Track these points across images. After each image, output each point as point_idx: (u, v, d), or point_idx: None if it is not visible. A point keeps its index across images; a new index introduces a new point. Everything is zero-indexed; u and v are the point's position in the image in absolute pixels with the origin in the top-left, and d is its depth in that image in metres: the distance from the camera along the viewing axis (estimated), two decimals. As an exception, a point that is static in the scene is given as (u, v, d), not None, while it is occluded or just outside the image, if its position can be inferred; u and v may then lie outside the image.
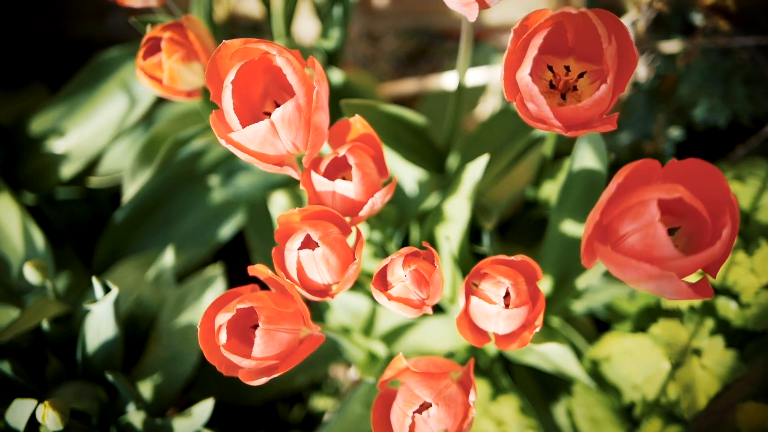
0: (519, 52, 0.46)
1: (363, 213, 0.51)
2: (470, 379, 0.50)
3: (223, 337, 0.46)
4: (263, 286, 0.52)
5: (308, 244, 0.49)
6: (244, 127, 0.46)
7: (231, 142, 0.47)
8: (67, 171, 0.84)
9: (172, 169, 0.86)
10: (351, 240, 0.51)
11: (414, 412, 0.47)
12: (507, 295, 0.48)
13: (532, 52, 0.45)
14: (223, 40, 0.47)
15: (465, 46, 0.59)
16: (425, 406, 0.48)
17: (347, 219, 0.52)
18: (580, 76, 0.49)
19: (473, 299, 0.49)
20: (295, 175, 0.49)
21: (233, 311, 0.46)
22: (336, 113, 0.78)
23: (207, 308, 0.48)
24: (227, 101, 0.47)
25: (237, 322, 0.48)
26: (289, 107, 0.45)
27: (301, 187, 0.51)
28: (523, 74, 0.45)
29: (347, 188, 0.50)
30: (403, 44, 1.09)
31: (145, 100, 0.83)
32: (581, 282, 0.60)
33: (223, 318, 0.46)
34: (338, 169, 0.53)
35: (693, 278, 0.45)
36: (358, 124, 0.52)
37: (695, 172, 0.43)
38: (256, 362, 0.47)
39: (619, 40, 0.45)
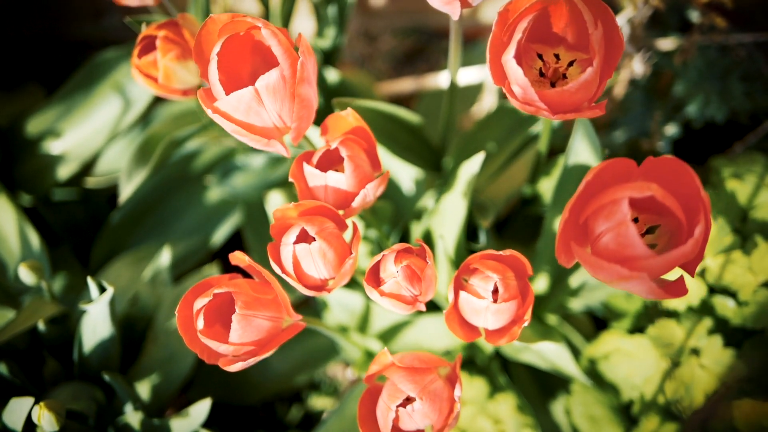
0: (504, 36, 0.46)
1: (355, 205, 0.50)
2: (457, 374, 0.50)
3: (200, 323, 0.46)
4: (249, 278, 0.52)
5: (304, 238, 0.48)
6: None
7: (217, 111, 0.46)
8: (64, 172, 0.84)
9: (169, 169, 0.86)
10: (347, 235, 0.51)
11: (398, 406, 0.47)
12: (496, 290, 0.48)
13: (518, 35, 0.44)
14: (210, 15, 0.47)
15: (454, 44, 0.59)
16: (410, 401, 0.48)
17: (340, 212, 0.52)
18: (570, 64, 0.49)
19: (462, 294, 0.49)
20: (283, 151, 0.48)
21: (210, 296, 0.46)
22: (332, 112, 0.77)
23: (185, 294, 0.48)
24: (213, 72, 0.46)
25: (219, 310, 0.48)
26: (274, 75, 0.45)
27: (290, 179, 0.51)
28: (508, 57, 0.44)
29: (339, 180, 0.50)
30: (400, 43, 1.09)
31: (142, 100, 0.83)
32: (574, 280, 0.60)
33: (200, 303, 0.46)
34: (331, 163, 0.52)
35: (672, 276, 0.44)
36: (350, 117, 0.52)
37: (671, 171, 0.43)
38: (234, 348, 0.47)
39: (606, 25, 0.44)
